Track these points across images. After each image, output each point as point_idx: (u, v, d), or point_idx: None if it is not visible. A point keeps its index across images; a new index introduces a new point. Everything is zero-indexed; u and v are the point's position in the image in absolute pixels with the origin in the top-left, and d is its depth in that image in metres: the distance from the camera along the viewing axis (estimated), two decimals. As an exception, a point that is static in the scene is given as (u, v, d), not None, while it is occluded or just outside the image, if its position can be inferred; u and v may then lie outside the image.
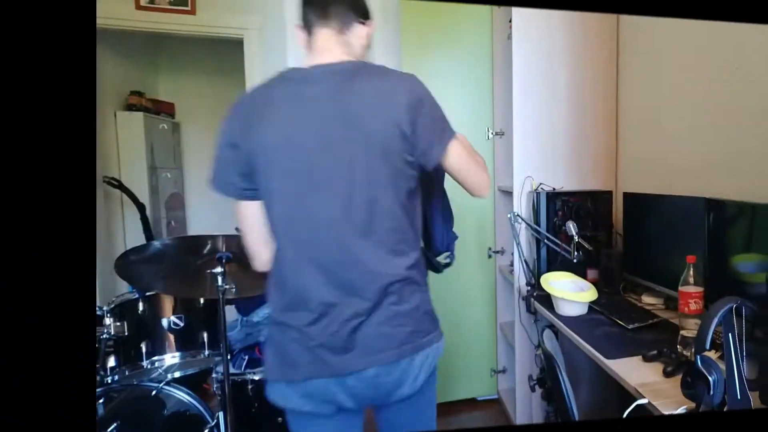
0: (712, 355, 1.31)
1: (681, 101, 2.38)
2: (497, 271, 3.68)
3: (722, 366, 1.25)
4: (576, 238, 2.52)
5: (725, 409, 1.22)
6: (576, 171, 2.96)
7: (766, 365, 1.25)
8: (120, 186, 3.98)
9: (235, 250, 2.01)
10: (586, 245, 2.55)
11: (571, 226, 2.53)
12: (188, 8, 3.57)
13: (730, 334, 1.26)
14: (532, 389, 2.64)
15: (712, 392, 1.24)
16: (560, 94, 2.91)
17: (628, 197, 2.61)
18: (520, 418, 3.05)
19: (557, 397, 2.04)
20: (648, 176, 2.70)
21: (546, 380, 2.52)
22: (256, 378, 2.41)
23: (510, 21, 2.97)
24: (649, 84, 2.67)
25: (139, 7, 3.50)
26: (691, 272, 1.76)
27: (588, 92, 2.94)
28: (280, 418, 2.24)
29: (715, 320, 1.28)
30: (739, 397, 1.21)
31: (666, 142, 2.52)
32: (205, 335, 2.54)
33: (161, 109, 4.93)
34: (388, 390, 1.43)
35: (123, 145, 4.29)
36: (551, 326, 2.43)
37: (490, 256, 3.66)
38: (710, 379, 1.25)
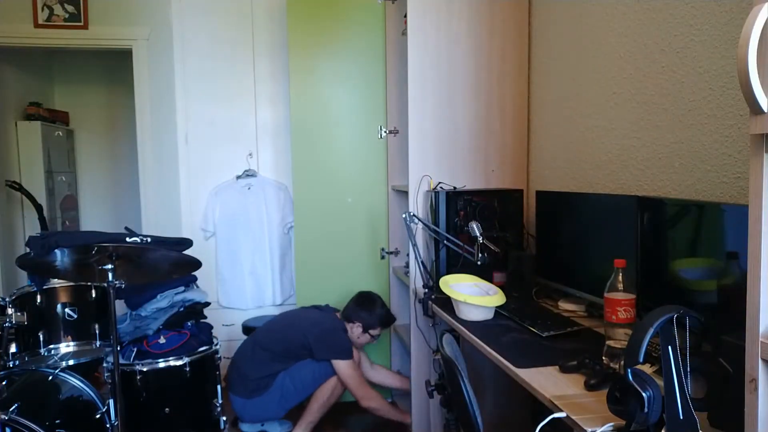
0: (645, 368, 1.17)
1: (603, 91, 2.29)
2: (391, 273, 3.70)
3: (659, 381, 1.11)
4: (480, 239, 2.39)
5: (664, 430, 1.07)
6: (481, 169, 2.91)
7: (718, 383, 1.10)
8: (20, 189, 4.51)
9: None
10: (492, 247, 2.44)
11: (474, 226, 2.41)
12: (81, 23, 4.04)
13: (669, 347, 1.12)
14: (430, 395, 2.50)
15: (646, 410, 1.09)
16: (462, 88, 2.85)
17: (541, 196, 2.50)
18: (416, 424, 2.93)
19: (458, 404, 1.92)
20: (565, 173, 2.61)
21: (446, 386, 2.39)
22: (144, 369, 2.61)
23: (405, 16, 2.92)
24: (565, 73, 2.59)
25: (37, 25, 3.99)
26: (620, 277, 1.63)
27: (495, 85, 2.88)
28: (167, 408, 2.64)
29: (652, 330, 1.14)
30: (681, 416, 1.06)
31: (585, 137, 2.43)
32: (97, 327, 2.75)
33: (57, 117, 5.40)
34: None
35: (23, 151, 4.83)
36: (451, 330, 2.30)
37: (383, 257, 3.68)
38: (644, 395, 1.10)
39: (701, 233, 1.51)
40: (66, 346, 2.71)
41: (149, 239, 2.54)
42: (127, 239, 2.49)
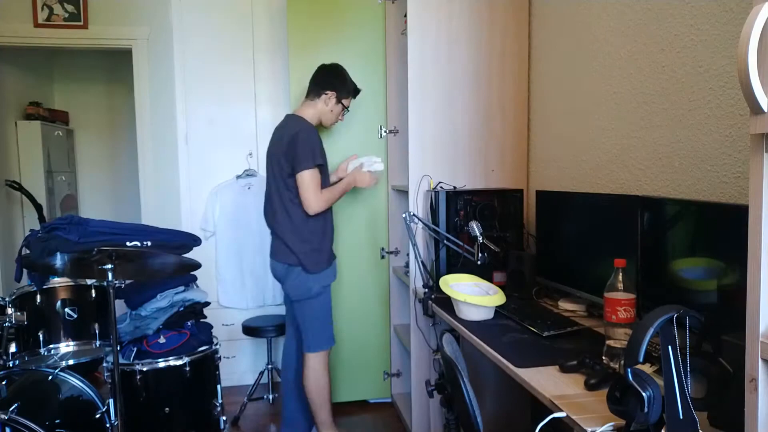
0: (645, 368, 1.17)
1: (603, 91, 2.29)
2: (391, 272, 3.69)
3: (659, 381, 1.11)
4: (480, 239, 2.38)
5: (664, 430, 1.07)
6: (481, 169, 2.91)
7: (718, 383, 1.10)
8: (20, 188, 4.52)
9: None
10: (492, 246, 2.44)
11: (474, 226, 2.40)
12: (81, 23, 4.04)
13: (670, 347, 1.12)
14: (430, 395, 2.50)
15: (646, 409, 1.09)
16: (462, 88, 2.85)
17: (541, 196, 2.50)
18: (416, 424, 2.93)
19: (458, 404, 1.92)
20: (565, 173, 2.61)
21: (446, 386, 2.38)
22: (144, 369, 2.60)
23: (405, 16, 2.93)
24: (565, 73, 2.59)
25: (37, 24, 4.00)
26: (620, 277, 1.63)
27: (495, 85, 2.88)
28: (167, 408, 2.62)
29: (652, 330, 1.14)
30: (681, 416, 1.06)
31: (585, 136, 2.43)
32: (97, 327, 2.76)
33: (57, 117, 5.40)
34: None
35: (23, 151, 4.82)
36: (451, 330, 2.30)
37: (383, 257, 3.68)
38: (644, 394, 1.10)
39: (701, 233, 1.51)
40: (66, 346, 2.70)
41: (149, 243, 2.54)
42: (128, 243, 2.49)
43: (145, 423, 2.61)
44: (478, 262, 2.41)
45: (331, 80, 2.93)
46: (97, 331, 2.75)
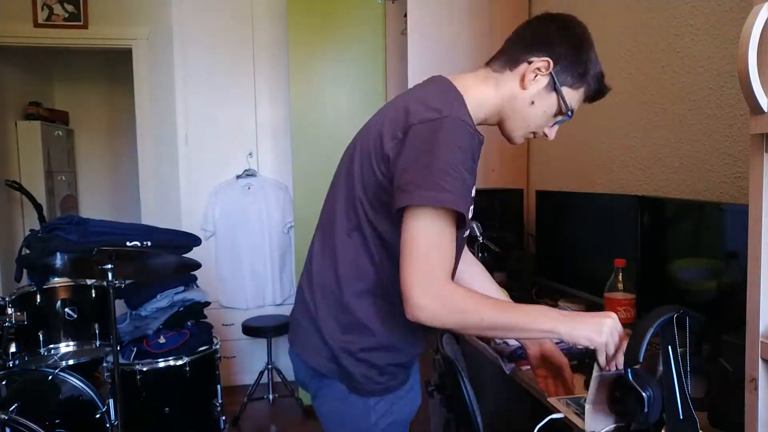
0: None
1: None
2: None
3: (659, 381, 1.11)
4: (480, 239, 2.38)
5: (664, 430, 1.07)
6: (481, 169, 2.86)
7: (718, 383, 1.10)
8: (20, 188, 4.49)
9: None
10: (492, 246, 2.43)
11: (474, 226, 2.39)
12: (81, 23, 4.05)
13: (670, 347, 1.12)
14: (430, 395, 2.49)
15: (647, 410, 1.09)
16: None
17: (541, 196, 2.50)
18: (416, 424, 2.91)
19: (459, 404, 1.91)
20: (565, 173, 2.61)
21: (446, 387, 2.38)
22: (144, 369, 2.61)
23: (405, 16, 2.92)
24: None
25: (37, 24, 4.00)
26: (620, 277, 1.63)
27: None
28: (167, 408, 2.62)
29: (652, 330, 1.14)
30: (681, 416, 1.06)
31: (585, 136, 2.43)
32: (97, 327, 2.76)
33: (57, 117, 5.37)
34: None
35: (23, 151, 4.79)
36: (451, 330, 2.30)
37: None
38: (644, 394, 1.10)
39: (701, 233, 1.51)
40: (66, 346, 2.71)
41: (149, 243, 2.54)
42: (128, 243, 2.49)
43: (145, 423, 2.61)
44: (478, 262, 2.41)
45: (549, 39, 1.43)
46: (97, 331, 2.75)
